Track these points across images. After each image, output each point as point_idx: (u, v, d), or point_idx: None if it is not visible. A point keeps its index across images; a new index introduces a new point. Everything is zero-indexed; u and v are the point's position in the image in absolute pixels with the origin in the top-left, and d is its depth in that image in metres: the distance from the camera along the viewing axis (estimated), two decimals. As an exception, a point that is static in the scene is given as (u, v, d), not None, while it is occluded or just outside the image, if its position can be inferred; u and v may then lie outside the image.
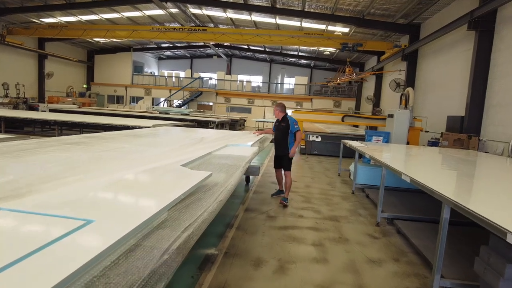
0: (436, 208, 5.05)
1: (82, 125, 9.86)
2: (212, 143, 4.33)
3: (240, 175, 2.77)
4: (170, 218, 1.57)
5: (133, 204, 1.74)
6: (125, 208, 1.64)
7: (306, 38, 18.46)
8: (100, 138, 4.12)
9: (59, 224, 1.31)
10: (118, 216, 1.44)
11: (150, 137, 4.77)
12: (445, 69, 13.08)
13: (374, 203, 5.76)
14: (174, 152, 3.34)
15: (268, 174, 8.07)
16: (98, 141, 3.82)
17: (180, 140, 4.36)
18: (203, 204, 1.88)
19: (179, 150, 3.55)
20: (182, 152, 3.44)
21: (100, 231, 1.29)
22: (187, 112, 21.31)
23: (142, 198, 1.80)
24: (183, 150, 3.55)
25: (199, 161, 3.11)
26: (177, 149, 3.55)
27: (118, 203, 1.73)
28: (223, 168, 2.99)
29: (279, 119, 5.78)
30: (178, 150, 3.52)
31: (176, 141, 4.23)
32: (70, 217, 1.38)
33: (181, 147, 3.70)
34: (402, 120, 10.05)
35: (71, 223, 1.32)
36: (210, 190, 2.26)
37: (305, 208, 5.42)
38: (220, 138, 4.92)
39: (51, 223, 1.33)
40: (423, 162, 5.36)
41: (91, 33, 20.88)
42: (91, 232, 1.27)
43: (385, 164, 4.27)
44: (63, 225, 1.30)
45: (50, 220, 1.35)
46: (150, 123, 9.51)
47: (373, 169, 6.65)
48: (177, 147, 3.68)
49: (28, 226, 1.32)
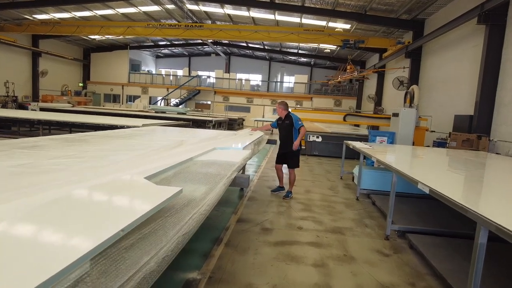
0: (452, 218, 4.49)
1: (67, 125, 9.28)
2: (197, 145, 3.76)
3: (222, 190, 2.19)
4: (95, 272, 1.01)
5: (26, 259, 0.97)
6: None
7: (306, 35, 17.88)
8: (65, 140, 3.55)
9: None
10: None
11: (128, 139, 4.20)
12: (452, 66, 12.50)
13: (382, 211, 5.19)
14: (145, 158, 2.77)
15: (266, 177, 7.50)
16: (60, 144, 3.26)
17: (161, 142, 3.79)
18: (156, 241, 1.30)
19: (154, 155, 2.97)
20: (156, 157, 2.87)
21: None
22: (184, 111, 20.73)
23: (47, 244, 1.07)
24: (158, 155, 2.98)
25: (174, 170, 2.54)
26: (151, 153, 2.98)
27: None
28: (203, 180, 2.42)
29: (282, 117, 5.82)
30: (153, 155, 2.95)
31: (155, 144, 3.66)
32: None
33: (158, 151, 3.12)
34: (407, 120, 9.47)
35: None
36: (178, 213, 1.68)
37: (305, 217, 4.85)
38: (209, 139, 4.34)
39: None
40: (438, 167, 4.78)
41: (84, 29, 20.28)
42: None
43: (398, 171, 3.70)
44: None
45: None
46: (140, 122, 8.94)
47: (380, 173, 6.08)
48: (152, 151, 3.10)
49: None
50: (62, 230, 1.17)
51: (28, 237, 1.12)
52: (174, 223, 1.51)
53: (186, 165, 2.76)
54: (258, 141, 5.44)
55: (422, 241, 3.84)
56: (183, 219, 1.68)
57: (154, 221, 1.49)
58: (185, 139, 4.07)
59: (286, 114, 5.85)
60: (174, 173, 2.50)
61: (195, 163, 2.91)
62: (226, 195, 5.65)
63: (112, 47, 30.00)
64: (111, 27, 20.29)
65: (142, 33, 20.17)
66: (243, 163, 3.14)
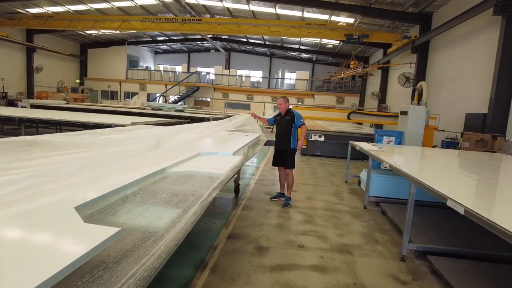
0: (476, 232, 3.84)
1: (52, 123, 8.67)
2: (178, 150, 3.12)
3: (191, 222, 1.57)
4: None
5: None
6: None
7: (308, 29, 17.18)
8: (19, 144, 2.93)
9: None
10: None
11: (100, 141, 3.58)
12: (462, 61, 11.81)
13: (394, 223, 4.56)
14: (101, 169, 2.14)
15: (264, 181, 6.88)
16: (5, 149, 2.63)
17: (135, 145, 3.16)
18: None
19: (116, 164, 2.34)
20: (117, 167, 2.24)
21: None
22: (182, 108, 20.08)
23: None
24: (121, 164, 2.35)
25: (135, 188, 1.91)
26: (112, 162, 2.34)
27: None
28: (171, 203, 1.79)
29: (283, 113, 5.38)
30: (114, 164, 2.32)
31: (127, 147, 3.03)
32: None
33: (124, 158, 2.49)
34: (417, 118, 8.83)
35: None
36: (111, 269, 1.06)
37: (306, 232, 4.22)
38: (196, 141, 3.70)
39: None
40: (463, 175, 4.14)
41: (78, 24, 19.63)
42: None
43: (422, 183, 3.05)
44: None
45: None
46: (130, 120, 8.31)
47: (391, 179, 5.44)
48: (116, 159, 2.47)
49: None
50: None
51: None
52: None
53: (153, 180, 2.13)
54: (255, 143, 4.80)
55: (446, 266, 3.21)
56: (120, 280, 1.06)
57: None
58: (166, 140, 3.43)
59: (288, 109, 5.38)
60: (132, 193, 1.87)
61: (166, 177, 2.28)
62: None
63: (110, 43, 29.33)
64: (106, 21, 19.63)
65: (138, 27, 19.52)
66: (230, 175, 2.50)
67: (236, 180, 5.60)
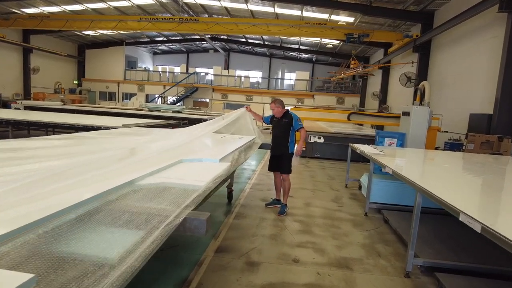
0: (491, 247, 3.42)
1: (41, 125, 8.36)
2: (158, 158, 2.80)
3: (147, 254, 1.25)
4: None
5: None
6: None
7: (307, 28, 16.85)
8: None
9: None
10: None
11: (74, 145, 3.26)
12: (465, 60, 11.48)
13: (397, 233, 4.22)
14: (57, 184, 1.81)
15: (260, 185, 6.55)
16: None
17: (109, 151, 2.84)
18: None
19: (76, 176, 2.02)
20: (78, 180, 1.92)
21: None
22: (180, 109, 19.78)
23: None
24: (83, 176, 2.03)
25: (89, 207, 1.59)
26: (72, 174, 2.02)
27: None
28: (129, 226, 1.48)
29: (279, 117, 5.01)
30: (73, 177, 1.99)
31: (96, 156, 2.70)
32: None
33: (83, 171, 2.16)
34: (420, 119, 8.50)
35: None
36: None
37: (302, 243, 3.89)
38: (180, 146, 3.37)
39: None
40: (475, 181, 3.81)
41: (74, 24, 19.32)
42: None
43: (432, 195, 2.70)
44: None
45: None
46: (122, 122, 8.01)
47: (393, 184, 5.11)
48: (77, 170, 2.14)
49: None
50: None
51: None
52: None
53: (116, 196, 1.80)
54: (248, 146, 4.48)
55: (456, 284, 2.88)
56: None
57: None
58: (145, 146, 3.11)
59: (284, 112, 4.99)
60: (88, 212, 1.55)
61: (135, 191, 1.96)
62: (208, 209, 4.70)
63: (108, 44, 29.05)
64: (102, 21, 19.33)
65: (135, 27, 19.21)
66: (211, 187, 2.18)
67: (229, 185, 5.28)
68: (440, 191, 2.75)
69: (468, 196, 3.02)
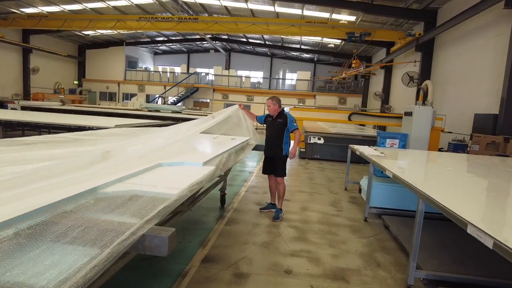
0: (500, 257, 3.13)
1: (34, 126, 8.16)
2: (136, 161, 2.55)
3: (87, 280, 1.01)
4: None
5: None
6: None
7: (308, 27, 16.57)
8: None
9: None
10: None
11: (52, 148, 3.02)
12: (469, 59, 11.18)
13: (398, 241, 3.96)
14: (11, 191, 1.58)
15: (256, 188, 6.31)
16: None
17: (82, 154, 2.60)
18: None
19: (37, 181, 1.78)
20: (35, 188, 1.68)
21: None
22: (179, 109, 19.58)
23: None
24: (47, 182, 1.79)
25: (37, 220, 1.36)
26: (22, 183, 1.78)
27: None
28: (76, 243, 1.25)
29: (274, 115, 4.77)
30: (32, 183, 1.75)
31: (70, 157, 2.46)
32: None
33: (42, 176, 1.92)
34: (423, 119, 8.23)
35: None
36: None
37: (296, 252, 3.64)
38: (162, 148, 3.12)
39: None
40: (483, 187, 3.54)
41: (72, 23, 19.14)
42: None
43: (437, 203, 2.44)
44: None
45: None
46: (113, 122, 7.78)
47: (394, 187, 4.84)
48: (39, 175, 1.91)
49: None
50: None
51: None
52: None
53: (74, 205, 1.57)
54: (240, 148, 4.23)
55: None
56: None
57: None
58: (122, 148, 2.86)
59: (280, 112, 4.75)
60: (31, 227, 1.31)
61: (97, 200, 1.71)
62: (199, 214, 4.49)
63: (108, 44, 28.91)
64: (101, 20, 19.14)
65: (134, 26, 19.00)
66: (186, 195, 1.93)
67: (222, 189, 5.04)
68: (444, 198, 2.50)
69: (476, 203, 2.75)
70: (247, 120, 4.95)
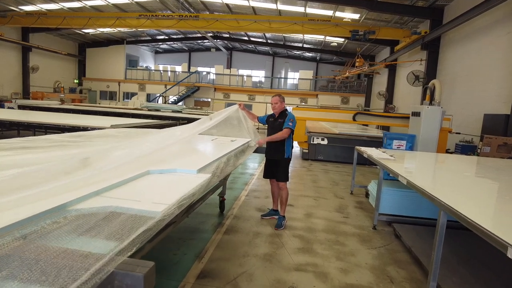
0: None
1: (24, 125, 7.88)
2: (121, 169, 2.25)
3: None
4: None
5: None
6: None
7: (311, 25, 16.25)
8: None
9: None
10: None
11: (27, 152, 2.72)
12: (478, 57, 10.83)
13: (412, 253, 3.64)
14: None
15: (257, 192, 5.99)
16: None
17: (59, 161, 2.30)
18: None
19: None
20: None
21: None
22: (179, 109, 19.26)
23: None
24: (8, 198, 1.48)
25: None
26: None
27: None
28: (23, 284, 0.93)
29: (277, 114, 4.45)
30: None
31: (43, 164, 2.17)
32: None
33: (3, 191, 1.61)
34: (431, 120, 7.90)
35: None
36: None
37: (302, 266, 3.33)
38: (152, 153, 2.82)
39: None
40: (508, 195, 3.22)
41: (72, 21, 18.87)
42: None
43: (470, 221, 2.12)
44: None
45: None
46: (110, 122, 7.48)
47: (405, 193, 4.52)
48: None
49: None
50: None
51: None
52: None
53: (35, 228, 1.26)
54: (241, 151, 3.92)
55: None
56: None
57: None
58: (107, 154, 2.55)
59: (283, 111, 4.43)
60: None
61: (65, 220, 1.41)
62: (196, 222, 4.18)
63: (108, 42, 28.63)
64: (100, 18, 18.87)
65: (134, 24, 18.71)
66: (173, 213, 1.62)
67: (221, 194, 4.73)
68: (470, 210, 2.18)
69: (508, 217, 2.43)
70: (248, 121, 4.63)
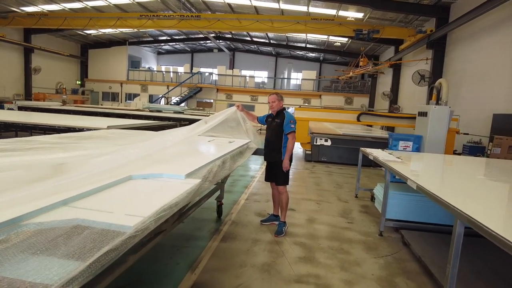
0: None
1: (19, 126, 7.70)
2: (101, 172, 2.03)
3: None
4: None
5: None
6: None
7: (314, 24, 16.00)
8: None
9: None
10: None
11: (9, 155, 2.52)
12: (486, 56, 10.53)
13: (421, 262, 3.38)
14: None
15: (256, 196, 5.76)
16: None
17: (33, 166, 2.08)
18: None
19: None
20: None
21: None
22: (181, 109, 19.08)
23: None
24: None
25: None
26: None
27: None
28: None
29: (274, 113, 4.23)
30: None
31: (14, 170, 1.95)
32: None
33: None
34: (439, 120, 7.62)
35: None
36: None
37: (303, 277, 3.08)
38: (142, 157, 2.61)
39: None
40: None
41: (73, 22, 18.78)
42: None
43: (496, 236, 1.88)
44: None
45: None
46: (107, 123, 7.28)
47: (413, 197, 4.26)
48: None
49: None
50: None
51: None
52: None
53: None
54: (238, 153, 3.69)
55: None
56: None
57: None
58: (84, 159, 2.34)
59: (280, 110, 4.20)
60: None
61: (16, 236, 1.18)
62: (192, 228, 3.95)
63: (110, 43, 28.57)
64: (101, 18, 18.77)
65: (135, 25, 18.59)
66: (148, 228, 1.39)
67: (218, 198, 4.49)
68: (492, 220, 1.93)
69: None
70: (247, 122, 4.40)
